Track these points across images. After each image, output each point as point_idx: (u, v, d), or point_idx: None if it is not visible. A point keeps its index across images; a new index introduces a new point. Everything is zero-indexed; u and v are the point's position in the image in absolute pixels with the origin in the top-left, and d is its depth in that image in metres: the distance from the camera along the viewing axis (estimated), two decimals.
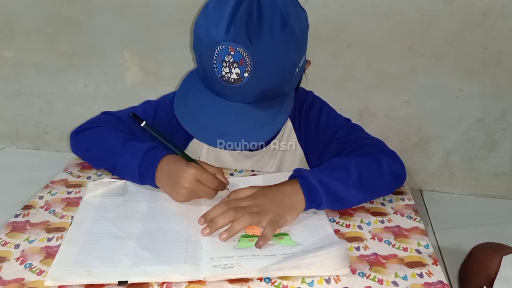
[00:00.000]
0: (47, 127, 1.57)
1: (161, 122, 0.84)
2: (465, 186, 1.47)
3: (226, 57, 0.63)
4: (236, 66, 0.64)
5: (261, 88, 0.67)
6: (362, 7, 1.23)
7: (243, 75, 0.64)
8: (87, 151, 0.78)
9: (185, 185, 0.66)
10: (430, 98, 1.34)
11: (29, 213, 0.65)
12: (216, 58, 0.64)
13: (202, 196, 0.68)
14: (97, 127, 0.78)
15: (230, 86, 0.66)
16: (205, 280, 0.52)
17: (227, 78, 0.65)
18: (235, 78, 0.65)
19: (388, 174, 0.72)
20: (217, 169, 0.70)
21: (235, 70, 0.64)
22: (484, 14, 1.20)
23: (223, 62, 0.64)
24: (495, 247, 0.82)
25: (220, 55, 0.64)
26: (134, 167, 0.69)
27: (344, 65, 1.31)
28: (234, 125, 0.68)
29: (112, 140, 0.74)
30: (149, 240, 0.59)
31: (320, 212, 0.68)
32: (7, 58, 1.45)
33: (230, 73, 0.64)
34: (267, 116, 0.68)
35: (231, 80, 0.65)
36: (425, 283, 0.54)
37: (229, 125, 0.68)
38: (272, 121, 0.69)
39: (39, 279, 0.52)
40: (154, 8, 1.31)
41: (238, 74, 0.64)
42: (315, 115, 0.86)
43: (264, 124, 0.68)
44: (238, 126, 0.68)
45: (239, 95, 0.67)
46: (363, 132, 0.84)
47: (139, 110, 0.85)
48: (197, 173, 0.66)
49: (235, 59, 0.63)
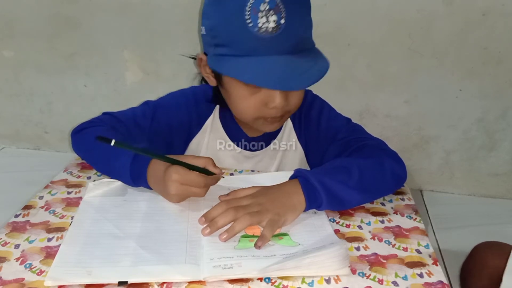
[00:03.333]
0: (47, 127, 1.57)
1: (160, 123, 0.84)
2: (465, 186, 1.47)
3: (261, 6, 0.64)
4: (273, 13, 0.64)
5: (297, 35, 0.68)
6: (362, 7, 1.24)
7: (280, 22, 0.65)
8: (85, 151, 0.78)
9: (171, 192, 0.65)
10: (430, 98, 1.34)
11: (29, 213, 0.65)
12: (250, 10, 0.64)
13: (192, 196, 0.67)
14: (95, 127, 0.78)
15: (269, 37, 0.65)
16: (205, 280, 0.52)
17: (265, 29, 0.65)
18: (273, 26, 0.65)
19: (389, 176, 0.71)
20: (207, 159, 0.69)
21: (272, 18, 0.64)
22: (484, 14, 1.20)
23: (259, 12, 0.64)
24: (496, 246, 0.82)
25: (254, 7, 0.64)
26: (126, 172, 0.68)
27: (344, 65, 1.31)
28: (290, 69, 0.67)
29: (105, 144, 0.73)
30: (149, 240, 0.59)
31: (320, 212, 0.68)
32: (7, 58, 1.45)
33: (268, 22, 0.65)
34: (310, 61, 0.70)
35: (269, 30, 0.65)
36: (425, 283, 0.54)
37: (287, 69, 0.67)
38: (318, 63, 0.70)
39: (39, 279, 0.52)
40: (154, 8, 1.31)
41: (275, 21, 0.65)
42: (315, 115, 0.86)
43: (314, 64, 0.69)
44: (293, 68, 0.67)
45: (277, 47, 0.67)
46: (364, 132, 0.84)
47: (138, 111, 0.85)
48: (179, 177, 0.64)
49: (270, 6, 0.64)
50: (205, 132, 0.88)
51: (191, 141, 0.89)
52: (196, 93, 0.88)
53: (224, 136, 0.88)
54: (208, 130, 0.88)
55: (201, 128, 0.88)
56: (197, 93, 0.88)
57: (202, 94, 0.87)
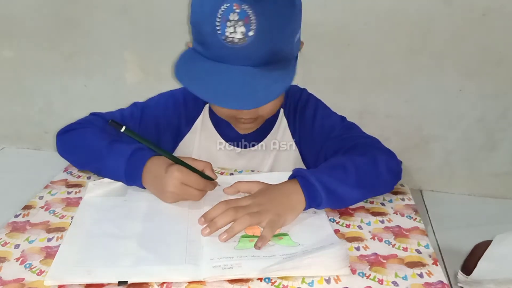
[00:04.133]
0: (47, 127, 1.57)
1: (148, 124, 0.84)
2: (465, 186, 1.47)
3: (230, 15, 0.63)
4: (241, 24, 0.64)
5: (265, 49, 0.66)
6: (362, 7, 1.23)
7: (248, 34, 0.64)
8: (71, 152, 0.77)
9: (170, 189, 0.65)
10: (430, 98, 1.33)
11: (29, 213, 0.65)
12: (220, 18, 0.64)
13: (189, 199, 0.67)
14: (83, 128, 0.77)
15: (235, 47, 0.65)
16: (205, 281, 0.52)
17: (232, 39, 0.64)
18: (240, 38, 0.64)
19: (385, 171, 0.72)
20: (206, 163, 0.69)
21: (240, 29, 0.64)
22: (484, 14, 1.20)
23: (227, 22, 0.63)
24: None
25: (224, 15, 0.63)
26: (120, 170, 0.68)
27: (344, 65, 1.31)
28: (243, 86, 0.66)
29: (98, 142, 0.73)
30: (149, 240, 0.59)
31: (320, 212, 0.68)
32: (7, 58, 1.45)
33: (235, 33, 0.64)
34: (273, 76, 0.68)
35: (235, 40, 0.65)
36: (425, 283, 0.54)
37: (238, 86, 0.66)
38: (280, 79, 0.68)
39: (39, 279, 0.52)
40: (154, 8, 1.31)
41: (243, 33, 0.64)
42: (310, 114, 0.86)
43: (273, 82, 0.68)
44: (247, 85, 0.66)
45: (243, 58, 0.66)
46: (358, 130, 0.84)
47: (126, 112, 0.85)
48: (181, 176, 0.65)
49: (240, 17, 0.63)
50: (195, 131, 0.88)
51: (181, 141, 0.89)
52: (185, 93, 0.88)
53: (215, 135, 0.88)
54: (199, 129, 0.88)
55: (191, 128, 0.88)
56: (186, 93, 0.87)
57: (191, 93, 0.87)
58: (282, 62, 0.70)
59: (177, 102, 0.87)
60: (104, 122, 0.80)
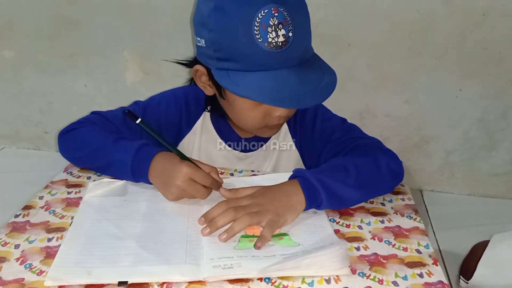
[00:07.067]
0: (47, 127, 1.57)
1: (149, 122, 0.83)
2: (465, 186, 1.47)
3: (270, 20, 0.63)
4: (281, 27, 0.64)
5: (303, 46, 0.68)
6: (362, 7, 1.23)
7: (288, 35, 0.65)
8: (75, 151, 0.77)
9: (177, 182, 0.65)
10: (430, 98, 1.33)
11: (29, 213, 0.65)
12: (259, 25, 0.63)
13: (194, 195, 0.67)
14: (86, 127, 0.77)
15: (278, 52, 0.65)
16: (205, 281, 0.52)
17: (275, 43, 0.64)
18: (283, 41, 0.64)
19: (386, 172, 0.72)
20: (212, 167, 0.70)
21: (281, 32, 0.64)
22: (484, 14, 1.20)
23: (268, 27, 0.63)
24: None
25: (263, 22, 0.63)
26: (126, 164, 0.69)
27: (344, 65, 1.31)
28: (306, 83, 0.67)
29: (103, 139, 0.73)
30: (149, 240, 0.59)
31: (320, 212, 0.68)
32: (7, 58, 1.45)
33: (277, 37, 0.64)
34: (317, 70, 0.70)
35: (279, 44, 0.64)
36: (425, 283, 0.54)
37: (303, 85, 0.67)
38: (324, 70, 0.71)
39: (39, 279, 0.52)
40: (154, 8, 1.31)
41: (284, 35, 0.64)
42: (310, 117, 0.86)
43: (322, 74, 0.70)
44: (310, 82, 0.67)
45: (286, 60, 0.66)
46: (359, 131, 0.84)
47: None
48: (190, 171, 0.65)
49: (279, 20, 0.63)
50: (195, 133, 0.88)
51: (181, 141, 0.89)
52: (187, 93, 0.88)
53: (215, 137, 0.88)
54: (199, 131, 0.88)
55: (191, 129, 0.88)
56: (188, 94, 0.87)
57: (193, 94, 0.87)
58: (313, 56, 0.72)
59: (179, 102, 0.87)
60: (105, 121, 0.80)
